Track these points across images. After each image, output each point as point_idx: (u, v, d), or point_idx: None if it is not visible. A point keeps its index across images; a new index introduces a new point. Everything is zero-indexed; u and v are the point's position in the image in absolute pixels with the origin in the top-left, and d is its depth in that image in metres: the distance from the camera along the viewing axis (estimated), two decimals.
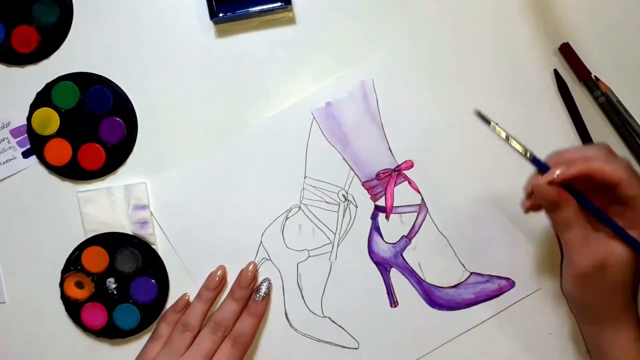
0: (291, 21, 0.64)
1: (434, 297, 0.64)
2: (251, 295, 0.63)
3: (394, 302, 0.65)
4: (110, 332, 0.65)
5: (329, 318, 0.65)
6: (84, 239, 0.64)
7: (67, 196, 0.65)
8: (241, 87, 0.64)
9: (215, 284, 0.63)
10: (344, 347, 0.64)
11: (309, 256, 0.65)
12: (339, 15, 0.64)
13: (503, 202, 0.64)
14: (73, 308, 0.65)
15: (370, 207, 0.65)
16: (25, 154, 0.65)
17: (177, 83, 0.64)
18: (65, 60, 0.64)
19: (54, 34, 0.64)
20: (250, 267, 0.63)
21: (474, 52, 0.64)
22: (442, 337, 0.64)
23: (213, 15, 0.62)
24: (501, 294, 0.64)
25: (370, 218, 0.64)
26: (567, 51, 0.63)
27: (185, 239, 0.64)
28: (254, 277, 0.63)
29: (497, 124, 0.55)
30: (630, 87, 0.64)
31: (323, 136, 0.64)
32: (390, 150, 0.64)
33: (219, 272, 0.63)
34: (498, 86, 0.64)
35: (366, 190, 0.64)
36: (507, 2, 0.64)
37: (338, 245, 0.64)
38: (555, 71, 0.64)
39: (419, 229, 0.64)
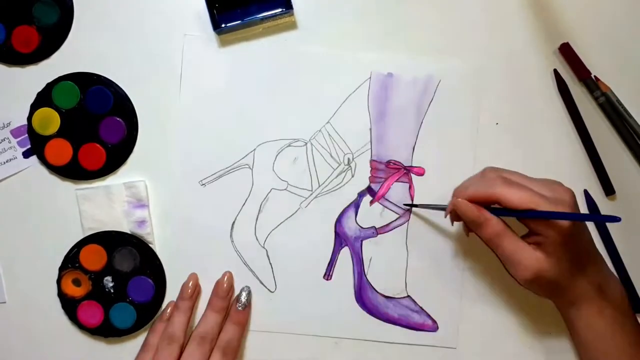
0: (293, 26, 0.64)
1: (363, 294, 0.64)
2: (230, 303, 0.63)
3: (328, 275, 0.65)
4: (106, 331, 0.64)
5: (266, 251, 0.65)
6: (82, 237, 0.64)
7: (67, 196, 0.65)
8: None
9: (189, 293, 0.63)
10: (261, 283, 0.65)
11: (285, 188, 0.64)
12: (340, 17, 0.64)
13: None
14: (69, 306, 0.64)
15: (364, 184, 0.64)
16: (26, 154, 0.65)
17: (177, 83, 0.64)
18: (66, 60, 0.64)
19: (54, 34, 0.64)
20: (226, 278, 0.63)
21: (474, 52, 0.64)
22: (357, 332, 0.64)
23: (216, 27, 0.62)
24: (421, 330, 0.64)
25: (357, 194, 0.65)
26: (567, 51, 0.63)
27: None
28: (231, 286, 0.63)
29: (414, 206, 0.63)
30: (630, 87, 0.64)
31: (366, 98, 0.64)
32: (414, 149, 0.64)
33: (191, 281, 0.63)
34: (498, 86, 0.64)
35: (370, 169, 0.64)
36: (507, 3, 0.64)
37: (314, 197, 0.64)
38: (555, 71, 0.64)
39: (391, 230, 0.64)
